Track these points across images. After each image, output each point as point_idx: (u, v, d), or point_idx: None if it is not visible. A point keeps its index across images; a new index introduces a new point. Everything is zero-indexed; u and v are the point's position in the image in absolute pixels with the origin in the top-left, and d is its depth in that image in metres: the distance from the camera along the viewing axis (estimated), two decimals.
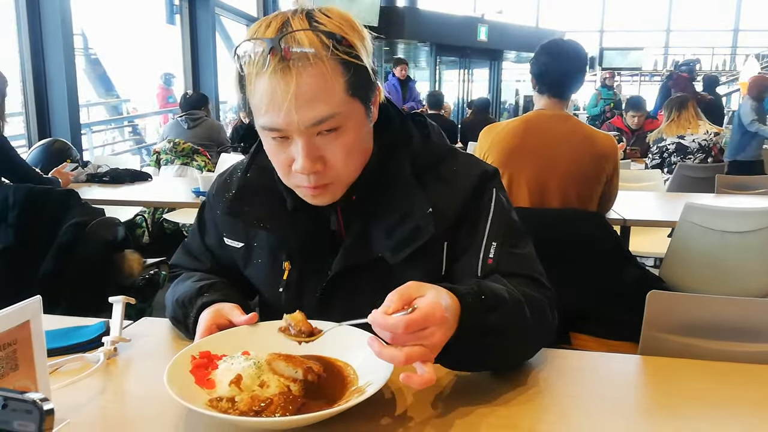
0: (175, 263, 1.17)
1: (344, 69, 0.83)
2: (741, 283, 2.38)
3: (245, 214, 1.01)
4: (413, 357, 0.70)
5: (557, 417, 0.80)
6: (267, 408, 0.75)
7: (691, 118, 4.10)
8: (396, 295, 0.72)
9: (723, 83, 14.18)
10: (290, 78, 0.80)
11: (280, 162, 0.90)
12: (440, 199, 0.96)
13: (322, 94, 0.82)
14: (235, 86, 0.88)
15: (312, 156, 0.86)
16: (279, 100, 0.81)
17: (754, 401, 0.85)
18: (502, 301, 0.81)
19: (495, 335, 0.79)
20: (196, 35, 7.13)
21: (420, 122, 1.03)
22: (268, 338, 0.90)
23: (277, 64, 0.80)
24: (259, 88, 0.83)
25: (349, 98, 0.85)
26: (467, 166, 1.01)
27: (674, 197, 3.25)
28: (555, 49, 2.19)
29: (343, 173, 0.90)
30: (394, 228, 0.94)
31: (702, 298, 1.09)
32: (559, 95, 2.19)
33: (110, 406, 0.84)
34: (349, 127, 0.87)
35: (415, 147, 0.99)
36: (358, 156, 0.92)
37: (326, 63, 0.82)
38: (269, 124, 0.85)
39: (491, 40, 13.21)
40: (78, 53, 5.71)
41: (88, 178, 3.46)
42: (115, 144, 8.20)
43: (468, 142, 5.91)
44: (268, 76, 0.81)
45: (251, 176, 1.03)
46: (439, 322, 0.71)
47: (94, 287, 2.04)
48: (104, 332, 1.03)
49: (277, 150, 0.89)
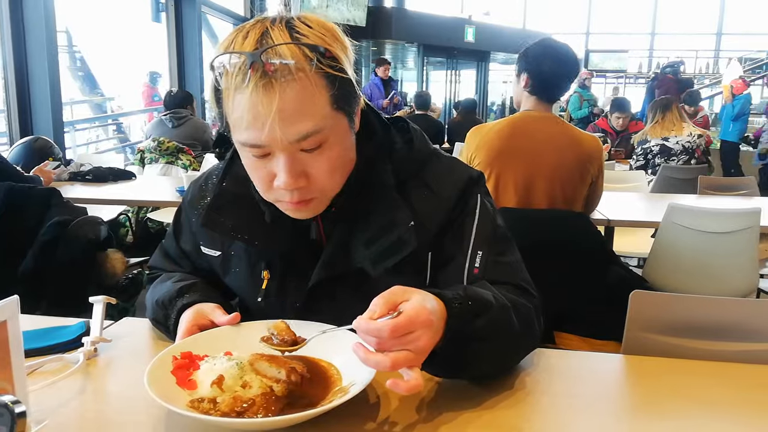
0: (154, 265, 1.15)
1: (328, 82, 0.80)
2: (723, 283, 2.41)
3: (221, 225, 0.97)
4: (400, 362, 0.69)
5: (540, 416, 0.80)
6: (249, 409, 0.74)
7: (675, 120, 4.14)
8: (381, 300, 0.71)
9: (706, 86, 14.37)
10: (273, 94, 0.77)
11: (261, 178, 0.86)
12: (424, 207, 0.94)
13: (307, 109, 0.79)
14: (211, 100, 0.84)
15: (295, 172, 0.82)
16: (262, 116, 0.77)
17: (735, 400, 0.86)
18: (488, 306, 0.80)
19: (482, 341, 0.78)
20: (182, 33, 7.08)
21: (402, 128, 1.01)
22: (250, 338, 0.89)
23: (258, 79, 0.76)
24: (239, 103, 0.79)
25: (334, 112, 0.82)
26: (451, 171, 0.99)
27: (657, 198, 3.28)
28: (552, 50, 2.16)
29: (327, 188, 0.88)
30: (375, 239, 0.91)
31: (684, 298, 1.10)
32: (550, 98, 2.19)
33: (89, 407, 0.83)
34: (333, 142, 0.84)
35: (398, 154, 0.96)
36: (342, 169, 0.89)
37: (310, 77, 0.78)
38: (251, 140, 0.81)
39: (478, 42, 13.25)
40: (62, 50, 5.64)
41: (71, 177, 3.42)
42: (99, 142, 8.11)
43: (455, 142, 5.93)
44: (249, 93, 0.77)
45: (227, 185, 0.99)
46: (425, 325, 0.70)
47: (76, 287, 2.02)
48: (84, 332, 1.01)
49: (257, 165, 0.85)
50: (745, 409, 0.84)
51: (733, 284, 2.40)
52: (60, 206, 2.08)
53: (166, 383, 0.79)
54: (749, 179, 3.64)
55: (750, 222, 2.37)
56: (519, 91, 2.23)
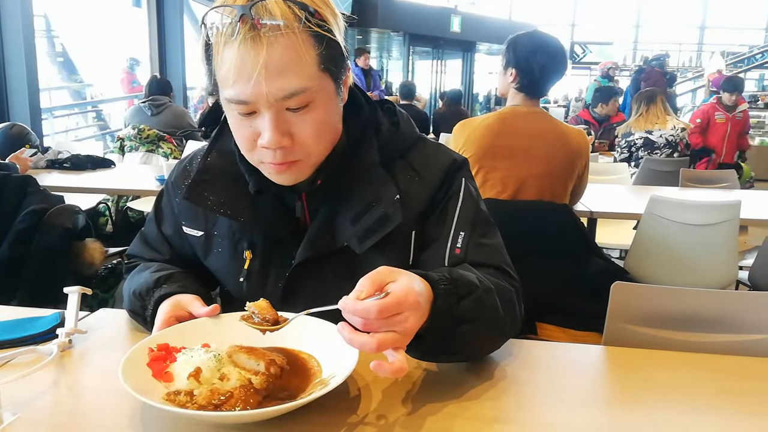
0: (132, 253, 1.14)
1: (316, 42, 0.81)
2: (703, 275, 2.44)
3: (204, 199, 0.97)
4: (386, 343, 0.68)
5: (521, 407, 0.80)
6: (227, 402, 0.73)
7: (659, 113, 4.17)
8: (367, 280, 0.70)
9: (689, 79, 14.52)
10: (260, 47, 0.78)
11: (245, 137, 0.86)
12: (409, 187, 0.95)
13: (294, 65, 0.80)
14: (201, 57, 0.85)
15: (280, 130, 0.83)
16: (248, 69, 0.79)
17: (714, 390, 0.86)
18: (473, 288, 0.81)
19: (467, 323, 0.78)
20: (163, 19, 6.97)
21: (389, 110, 1.02)
22: (229, 330, 0.88)
23: (247, 32, 0.78)
24: (227, 57, 0.80)
25: (321, 73, 0.83)
26: (436, 154, 1.00)
27: (640, 190, 3.31)
28: (542, 46, 2.10)
29: (312, 150, 0.88)
30: (361, 215, 0.92)
31: (665, 290, 1.10)
32: (538, 94, 2.16)
33: (63, 400, 0.81)
34: (319, 103, 0.84)
35: (384, 135, 0.97)
36: (327, 134, 0.89)
37: (298, 34, 0.79)
38: (236, 96, 0.81)
39: (464, 32, 13.25)
40: (39, 35, 5.52)
41: (48, 165, 3.35)
42: (78, 130, 7.96)
43: (440, 133, 5.92)
44: (237, 45, 0.78)
45: (212, 160, 1.00)
46: (413, 307, 0.70)
47: (53, 276, 1.98)
48: (59, 324, 0.99)
49: (242, 124, 0.85)
50: (724, 399, 0.84)
51: (713, 276, 2.44)
52: (36, 194, 2.04)
53: (142, 376, 0.77)
54: (730, 172, 3.69)
55: (730, 214, 2.39)
56: (506, 84, 2.20)
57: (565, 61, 2.16)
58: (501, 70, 2.22)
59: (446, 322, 0.76)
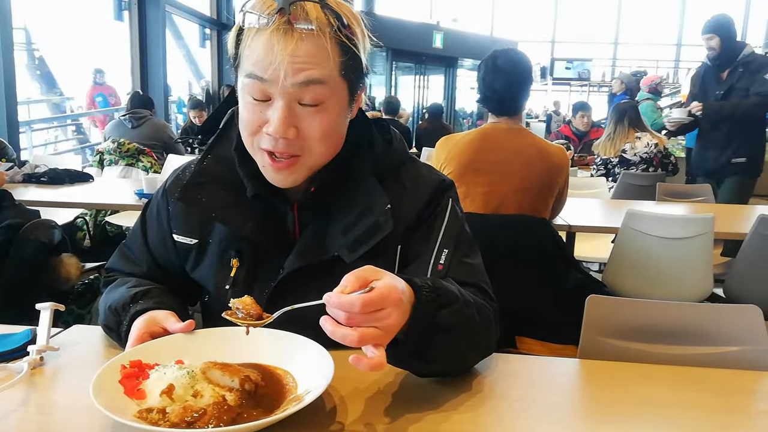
0: (112, 267, 1.12)
1: (342, 50, 0.86)
2: (679, 288, 2.47)
3: (197, 201, 0.98)
4: (367, 338, 0.69)
5: (496, 421, 0.81)
6: (200, 419, 0.72)
7: (628, 132, 4.19)
8: (353, 276, 0.71)
9: (666, 95, 14.78)
10: (291, 39, 0.82)
11: (252, 121, 0.88)
12: (398, 202, 0.96)
13: (318, 61, 0.84)
14: (232, 41, 0.89)
15: (288, 121, 0.86)
16: (274, 55, 0.82)
17: (689, 403, 0.87)
18: (454, 299, 0.82)
19: (445, 332, 0.79)
20: (145, 33, 6.93)
21: (383, 127, 1.04)
22: (204, 346, 0.87)
23: (281, 24, 0.82)
24: (257, 41, 0.84)
25: (340, 77, 0.87)
26: (426, 174, 1.04)
27: (617, 204, 3.34)
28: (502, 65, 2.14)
29: (314, 149, 0.90)
30: (352, 225, 0.94)
31: (639, 303, 1.12)
32: (504, 111, 2.19)
33: (32, 418, 0.79)
34: (331, 106, 0.88)
35: (377, 151, 1.00)
36: (332, 138, 0.91)
37: (327, 39, 0.84)
38: (256, 71, 0.84)
39: (446, 48, 13.40)
40: (19, 48, 5.46)
41: (25, 179, 3.29)
42: (58, 143, 7.86)
43: (423, 147, 5.95)
44: (269, 33, 0.83)
45: (207, 165, 1.01)
46: (396, 304, 0.71)
47: (29, 293, 1.94)
48: (30, 341, 0.98)
49: (253, 108, 0.88)
50: (699, 412, 0.85)
51: (689, 289, 2.47)
52: (11, 208, 2.01)
53: (114, 393, 0.76)
54: (706, 187, 3.75)
55: (704, 228, 2.43)
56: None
57: (527, 78, 2.18)
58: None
59: (424, 329, 0.77)
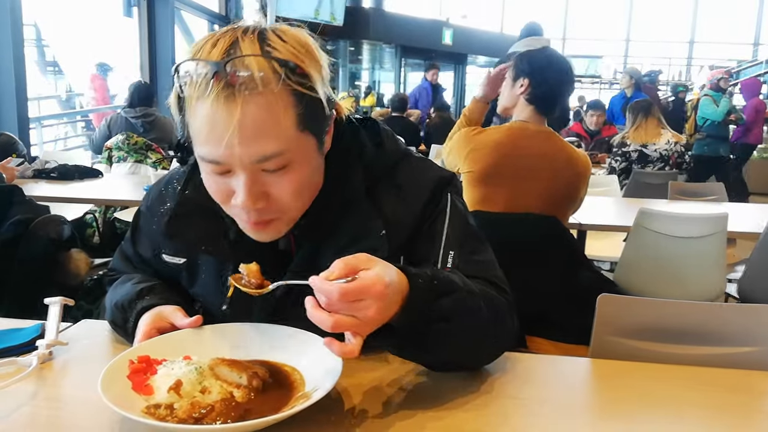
0: (114, 268, 1.12)
1: (296, 100, 0.77)
2: (691, 287, 2.45)
3: (183, 235, 0.95)
4: (341, 325, 0.69)
5: (504, 420, 0.80)
6: (207, 415, 0.72)
7: (654, 128, 4.16)
8: (342, 262, 0.70)
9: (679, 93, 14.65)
10: (234, 107, 0.73)
11: (219, 193, 0.83)
12: (395, 210, 0.92)
13: (270, 128, 0.75)
14: (174, 107, 0.81)
15: (255, 192, 0.79)
16: (220, 130, 0.74)
17: (701, 403, 0.86)
18: (455, 289, 0.80)
19: (445, 322, 0.77)
20: (154, 29, 6.96)
21: (372, 130, 0.98)
22: (212, 342, 0.87)
23: (221, 90, 0.73)
24: (200, 113, 0.76)
25: (300, 133, 0.79)
26: (423, 171, 0.97)
27: (629, 202, 3.32)
28: (556, 62, 2.06)
29: (290, 208, 0.85)
30: (347, 248, 0.88)
31: (651, 302, 1.10)
32: (547, 110, 2.08)
33: (41, 412, 0.80)
34: (298, 164, 0.80)
35: (367, 156, 0.94)
36: (306, 191, 0.86)
37: (276, 93, 0.75)
38: (208, 155, 0.78)
39: (456, 44, 13.35)
40: (30, 44, 5.49)
41: (35, 174, 3.31)
42: (68, 139, 7.91)
43: (431, 144, 5.93)
44: (210, 103, 0.74)
45: (189, 194, 0.95)
46: (377, 296, 0.69)
47: (39, 288, 1.96)
48: (39, 335, 0.98)
49: (215, 180, 0.82)
50: (711, 412, 0.84)
51: (701, 288, 2.44)
52: (21, 204, 2.02)
53: (122, 388, 0.76)
54: (718, 185, 3.71)
55: (717, 227, 2.41)
56: (512, 97, 2.10)
57: (573, 81, 2.11)
58: (508, 82, 2.11)
59: (420, 318, 0.75)
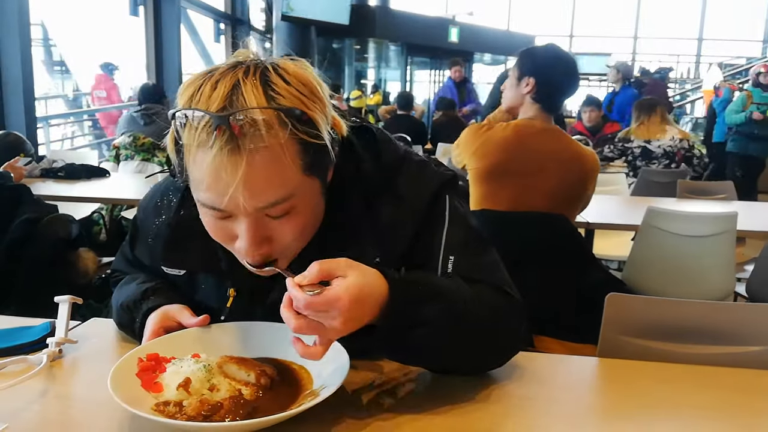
0: (117, 269, 1.11)
1: (302, 148, 0.74)
2: (700, 286, 2.44)
3: (182, 262, 0.95)
4: (304, 329, 0.70)
5: (511, 419, 0.80)
6: (216, 412, 0.72)
7: (657, 124, 4.15)
8: (317, 267, 0.70)
9: (688, 90, 14.58)
10: (239, 160, 0.70)
11: (220, 236, 0.80)
12: (394, 220, 0.89)
13: (275, 178, 0.73)
14: (171, 149, 0.77)
15: (258, 238, 0.77)
16: (224, 183, 0.71)
17: (709, 404, 0.86)
18: (437, 293, 0.78)
19: (426, 326, 0.76)
20: (161, 28, 6.97)
21: (367, 141, 0.92)
22: (220, 341, 0.87)
23: (224, 143, 0.70)
24: (201, 163, 0.72)
25: (305, 178, 0.76)
26: (421, 178, 0.92)
27: (638, 201, 3.31)
28: (562, 60, 2.05)
29: (292, 248, 0.83)
30: None
31: (659, 301, 1.10)
32: (553, 108, 2.07)
33: (52, 410, 0.80)
34: (302, 207, 0.78)
35: (364, 172, 0.89)
36: (310, 230, 0.84)
37: (282, 144, 0.72)
38: (209, 202, 0.75)
39: (462, 42, 13.28)
40: (36, 44, 5.52)
41: (43, 173, 3.33)
42: (75, 138, 7.95)
43: (438, 143, 5.91)
44: (213, 155, 0.70)
45: (185, 214, 0.92)
46: (344, 309, 0.69)
47: (47, 286, 1.97)
48: (49, 333, 0.98)
49: (216, 224, 0.79)
50: (721, 412, 0.84)
51: (711, 287, 2.43)
52: (30, 203, 2.03)
53: (131, 386, 0.77)
54: (727, 183, 3.69)
55: (727, 226, 2.39)
56: (517, 96, 2.08)
57: (578, 79, 2.10)
58: (512, 82, 2.10)
59: (403, 324, 0.75)
